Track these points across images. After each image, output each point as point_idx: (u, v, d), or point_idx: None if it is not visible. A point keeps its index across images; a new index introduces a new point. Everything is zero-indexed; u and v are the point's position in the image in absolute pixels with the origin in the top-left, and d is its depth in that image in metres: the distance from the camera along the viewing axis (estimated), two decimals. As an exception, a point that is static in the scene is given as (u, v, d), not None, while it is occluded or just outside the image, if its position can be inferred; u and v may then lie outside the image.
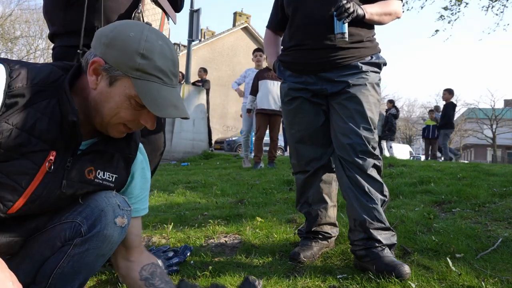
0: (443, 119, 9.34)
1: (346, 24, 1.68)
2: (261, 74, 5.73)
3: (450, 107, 9.30)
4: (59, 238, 1.06)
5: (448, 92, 9.37)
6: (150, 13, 1.67)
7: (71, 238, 1.06)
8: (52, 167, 0.99)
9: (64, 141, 0.99)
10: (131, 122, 1.03)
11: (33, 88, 0.94)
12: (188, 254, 1.90)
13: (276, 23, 2.05)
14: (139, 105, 0.99)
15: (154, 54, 0.98)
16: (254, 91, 5.78)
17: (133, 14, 1.63)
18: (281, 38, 2.06)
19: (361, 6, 1.73)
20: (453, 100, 9.79)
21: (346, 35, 1.69)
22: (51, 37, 1.65)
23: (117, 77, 0.97)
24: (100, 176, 1.09)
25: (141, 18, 1.62)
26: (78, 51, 1.50)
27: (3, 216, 0.98)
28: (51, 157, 0.98)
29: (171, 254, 1.84)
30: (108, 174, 1.11)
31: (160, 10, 1.73)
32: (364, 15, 1.72)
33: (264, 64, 5.72)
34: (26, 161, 0.95)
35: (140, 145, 1.22)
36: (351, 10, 1.65)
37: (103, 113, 1.00)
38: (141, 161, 1.22)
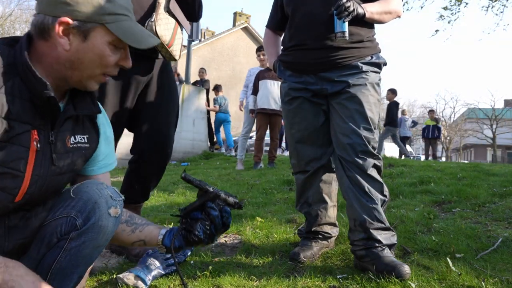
0: (387, 118, 9.67)
1: (347, 23, 1.68)
2: (262, 74, 5.73)
3: (393, 106, 9.60)
4: (55, 234, 1.07)
5: (391, 92, 9.69)
6: (163, 23, 1.72)
7: (67, 233, 1.06)
8: (39, 145, 0.99)
9: (40, 117, 0.99)
10: (111, 67, 1.06)
11: None
12: (189, 254, 1.90)
13: (276, 23, 2.05)
14: (116, 48, 1.04)
15: None
16: (256, 91, 5.78)
17: (146, 23, 1.69)
18: (281, 38, 2.06)
19: (361, 4, 1.72)
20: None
21: (347, 34, 1.68)
22: None
23: (89, 29, 0.99)
24: (72, 141, 1.09)
25: (154, 27, 1.67)
26: None
27: (11, 206, 0.99)
28: (35, 136, 0.98)
29: (169, 254, 1.83)
30: (80, 137, 1.11)
31: (173, 20, 1.78)
32: (364, 13, 1.71)
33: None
34: (16, 146, 0.95)
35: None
36: (351, 8, 1.65)
37: (83, 68, 1.01)
38: (101, 117, 1.22)
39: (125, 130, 1.91)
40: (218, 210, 1.22)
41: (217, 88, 9.38)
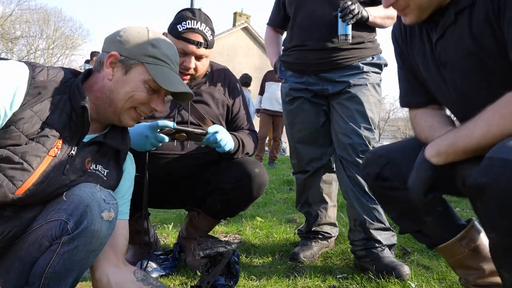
0: None
1: (350, 26, 1.68)
2: (269, 76, 5.82)
3: None
4: (46, 237, 1.06)
5: None
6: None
7: (59, 237, 1.06)
8: (59, 153, 1.08)
9: (70, 131, 1.11)
10: (143, 105, 1.18)
11: (51, 83, 1.09)
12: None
13: (278, 21, 2.04)
14: (151, 90, 1.16)
15: (161, 44, 1.18)
16: (262, 91, 5.89)
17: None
18: (282, 37, 2.06)
19: (365, 8, 1.73)
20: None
21: (350, 37, 1.69)
22: None
23: (132, 65, 1.14)
24: (92, 168, 1.17)
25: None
26: None
27: (10, 197, 1.02)
28: (59, 145, 1.08)
29: (163, 257, 1.84)
30: (100, 167, 1.19)
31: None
32: (368, 17, 1.72)
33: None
34: (39, 145, 1.05)
35: (129, 153, 1.31)
36: (356, 11, 1.65)
37: (118, 99, 1.14)
38: (131, 162, 1.32)
39: None
40: (237, 262, 1.34)
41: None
